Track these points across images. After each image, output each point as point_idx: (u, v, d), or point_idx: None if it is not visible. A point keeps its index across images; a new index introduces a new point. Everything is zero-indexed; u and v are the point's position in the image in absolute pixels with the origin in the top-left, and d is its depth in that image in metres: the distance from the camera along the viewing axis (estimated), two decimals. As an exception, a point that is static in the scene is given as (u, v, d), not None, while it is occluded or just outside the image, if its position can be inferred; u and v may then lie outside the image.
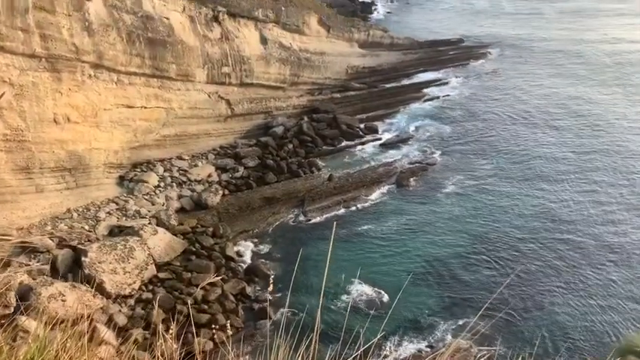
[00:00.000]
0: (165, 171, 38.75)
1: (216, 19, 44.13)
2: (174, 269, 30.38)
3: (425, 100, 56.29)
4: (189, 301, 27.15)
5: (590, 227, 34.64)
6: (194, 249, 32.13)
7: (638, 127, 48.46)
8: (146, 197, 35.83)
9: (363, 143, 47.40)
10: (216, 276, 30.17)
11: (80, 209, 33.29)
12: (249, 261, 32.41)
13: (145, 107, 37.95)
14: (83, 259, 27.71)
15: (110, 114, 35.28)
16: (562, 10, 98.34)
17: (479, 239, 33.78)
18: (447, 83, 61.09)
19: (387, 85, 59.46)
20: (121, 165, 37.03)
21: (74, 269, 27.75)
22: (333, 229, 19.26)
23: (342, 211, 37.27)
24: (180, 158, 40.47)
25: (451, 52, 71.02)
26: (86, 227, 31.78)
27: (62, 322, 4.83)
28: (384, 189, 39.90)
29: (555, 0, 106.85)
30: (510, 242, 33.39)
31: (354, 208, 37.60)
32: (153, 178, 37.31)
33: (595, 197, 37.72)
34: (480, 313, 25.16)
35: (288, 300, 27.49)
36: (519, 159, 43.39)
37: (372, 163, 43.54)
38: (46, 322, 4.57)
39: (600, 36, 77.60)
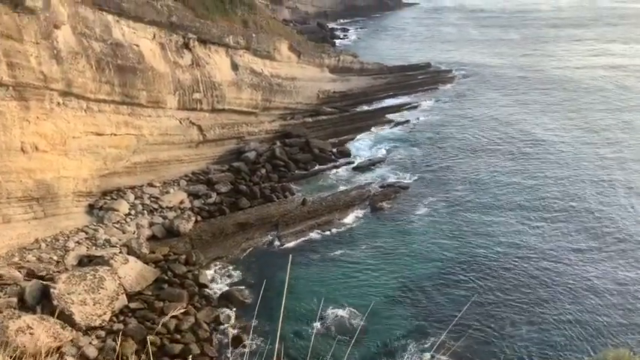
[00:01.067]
0: (136, 198, 38.25)
1: (186, 45, 44.21)
2: (145, 299, 29.78)
3: (396, 124, 57.07)
4: (160, 331, 26.63)
5: (558, 250, 35.27)
6: (166, 277, 31.61)
7: (598, 155, 49.92)
8: (116, 225, 35.26)
9: (335, 167, 47.67)
10: (189, 304, 29.70)
11: (49, 239, 32.56)
12: (223, 288, 31.98)
13: (115, 134, 37.57)
14: (52, 290, 27.00)
15: (79, 142, 34.81)
16: (526, 37, 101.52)
17: (451, 261, 34.05)
18: (416, 107, 62.11)
19: (358, 109, 60.30)
20: (90, 193, 36.43)
21: (43, 301, 26.99)
22: (289, 264, 19.18)
23: (316, 235, 37.22)
24: (151, 185, 40.03)
25: (420, 77, 72.45)
26: (55, 258, 31.06)
27: (31, 355, 4.75)
28: (358, 212, 40.05)
29: (520, 26, 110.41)
30: (482, 263, 33.73)
31: (328, 232, 37.58)
32: (123, 206, 36.78)
33: (562, 222, 38.48)
34: (449, 328, 25.40)
35: (263, 327, 27.21)
36: (489, 183, 44.12)
37: (345, 187, 43.73)
38: (13, 357, 4.49)
39: (561, 62, 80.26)
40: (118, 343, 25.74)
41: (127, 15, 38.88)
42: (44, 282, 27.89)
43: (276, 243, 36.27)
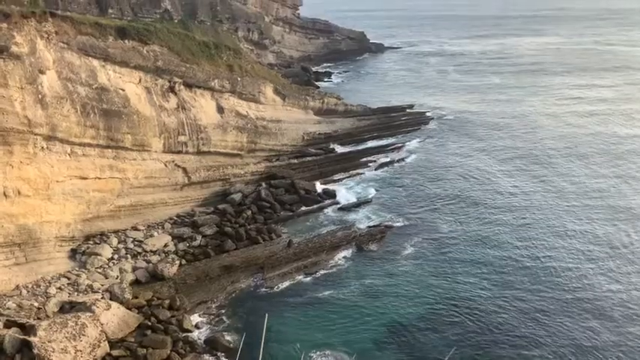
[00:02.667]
0: (119, 242, 37.78)
1: (172, 89, 44.65)
2: (128, 346, 29.09)
3: (380, 165, 57.52)
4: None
5: (544, 288, 35.31)
6: (149, 323, 30.95)
7: (579, 201, 50.76)
8: (99, 270, 34.68)
9: (321, 208, 47.66)
10: (172, 351, 29.02)
11: (30, 285, 31.88)
12: (207, 333, 31.34)
13: (99, 178, 37.41)
14: (32, 338, 26.27)
15: (63, 186, 34.57)
16: (506, 81, 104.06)
17: (438, 301, 33.87)
18: (400, 148, 62.78)
19: (343, 150, 60.79)
20: (73, 238, 35.94)
21: (23, 349, 26.24)
22: (265, 324, 18.84)
23: (303, 277, 36.86)
24: (135, 229, 39.62)
25: (403, 118, 73.58)
26: (36, 304, 30.34)
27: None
28: (344, 253, 39.86)
29: (500, 71, 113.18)
30: (469, 303, 33.58)
31: (314, 274, 37.24)
32: (106, 251, 36.29)
33: (548, 261, 38.69)
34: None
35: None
36: (473, 223, 44.33)
37: (332, 228, 43.63)
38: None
39: (539, 107, 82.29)
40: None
41: (113, 60, 39.34)
42: (24, 330, 27.15)
43: (262, 286, 35.82)
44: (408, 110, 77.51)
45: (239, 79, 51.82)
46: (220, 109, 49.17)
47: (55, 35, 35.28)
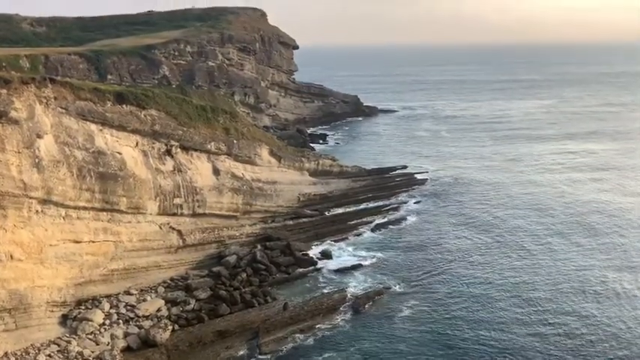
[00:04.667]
0: (111, 307, 37.05)
1: (169, 152, 45.07)
2: (118, 416, 27.98)
3: (376, 226, 57.45)
4: None
5: (543, 350, 34.66)
6: (141, 391, 29.93)
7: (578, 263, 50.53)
8: (90, 337, 33.81)
9: (317, 270, 47.17)
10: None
11: (19, 353, 30.98)
12: (200, 402, 30.26)
13: (93, 241, 37.11)
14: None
15: (56, 249, 34.23)
16: (496, 138, 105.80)
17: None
18: (395, 208, 62.90)
19: (339, 211, 60.83)
20: (64, 303, 35.24)
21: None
22: None
23: (299, 341, 36.00)
24: (127, 293, 38.96)
25: (397, 179, 74.13)
26: (22, 373, 29.38)
27: None
28: (341, 316, 39.15)
29: (491, 129, 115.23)
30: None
31: (310, 337, 36.41)
32: (98, 316, 35.51)
33: (547, 326, 38.11)
34: None
35: None
36: (469, 285, 43.76)
37: (328, 290, 43.03)
38: None
39: (530, 169, 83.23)
40: None
41: (110, 124, 39.88)
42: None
43: (257, 352, 34.89)
44: (402, 171, 78.22)
45: (235, 141, 52.45)
46: (216, 171, 49.48)
47: (54, 100, 35.91)
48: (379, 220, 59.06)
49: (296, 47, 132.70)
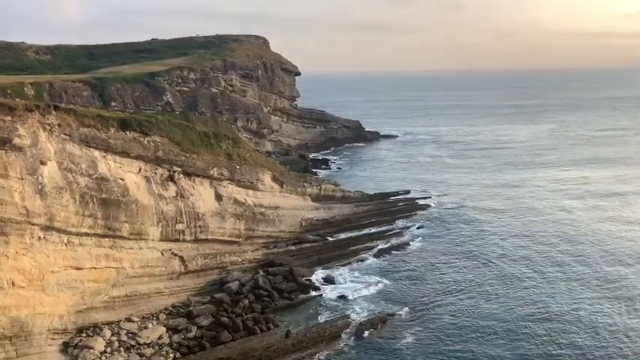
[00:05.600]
0: (112, 335, 36.69)
1: (171, 178, 45.16)
2: None
3: (379, 251, 57.16)
4: None
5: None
6: (141, 421, 29.46)
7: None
8: (91, 364, 33.41)
9: (320, 296, 46.81)
10: None
11: (17, 382, 30.57)
12: None
13: (95, 268, 36.94)
14: None
15: (58, 276, 34.06)
16: (498, 164, 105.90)
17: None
18: (398, 234, 62.64)
19: (342, 236, 60.61)
20: (65, 330, 34.93)
21: None
22: None
23: (301, 369, 35.59)
24: (129, 320, 38.64)
25: (400, 204, 73.99)
26: (21, 402, 28.97)
27: None
28: (344, 342, 38.69)
29: (494, 155, 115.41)
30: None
31: (313, 365, 35.98)
32: (99, 344, 35.14)
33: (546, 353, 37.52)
34: None
35: None
36: (473, 312, 43.21)
37: (331, 316, 42.62)
38: None
39: (534, 194, 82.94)
40: None
41: (114, 150, 40.06)
42: None
43: (260, 379, 34.44)
44: (404, 196, 78.17)
45: (238, 167, 52.60)
46: (219, 197, 49.50)
47: (58, 127, 36.13)
48: (382, 245, 58.78)
49: (298, 74, 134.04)
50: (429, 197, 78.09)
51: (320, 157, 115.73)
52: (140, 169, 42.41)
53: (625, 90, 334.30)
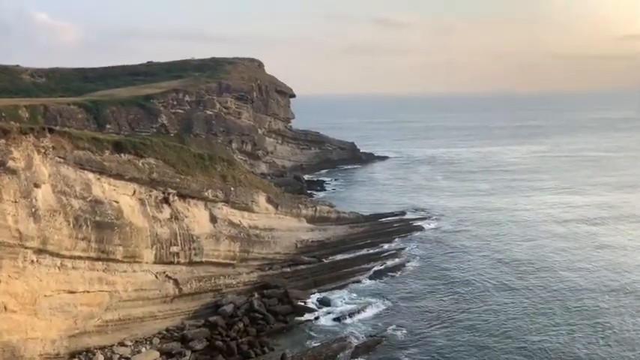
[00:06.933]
0: (105, 359, 36.21)
1: (166, 200, 45.02)
2: None
3: (375, 272, 56.88)
4: None
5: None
6: None
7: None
8: (83, 390, 32.91)
9: (316, 318, 46.44)
10: None
11: (7, 409, 30.03)
12: None
13: (88, 291, 36.57)
14: None
15: (50, 300, 33.69)
16: (494, 185, 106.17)
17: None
18: (393, 255, 62.41)
19: (337, 258, 60.32)
20: (58, 355, 34.43)
21: None
22: None
23: (297, 393, 35.13)
24: (122, 344, 38.18)
25: (395, 225, 73.90)
26: None
27: None
28: (340, 366, 38.31)
29: (489, 177, 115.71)
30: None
31: (309, 389, 35.53)
32: (92, 368, 34.67)
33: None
34: None
35: None
36: (470, 334, 42.86)
37: (326, 339, 42.21)
38: None
39: (528, 213, 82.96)
40: None
41: (108, 173, 39.96)
42: None
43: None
44: (399, 217, 78.15)
45: (232, 188, 52.55)
46: (213, 219, 49.33)
47: (52, 150, 36.08)
48: (378, 266, 58.52)
49: (293, 96, 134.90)
50: (424, 218, 78.03)
51: (315, 179, 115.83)
52: (135, 192, 42.29)
53: (623, 112, 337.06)
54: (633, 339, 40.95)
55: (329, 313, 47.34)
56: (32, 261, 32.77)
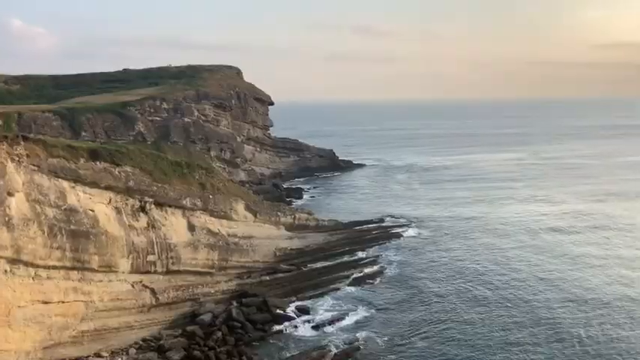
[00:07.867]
0: (81, 371, 35.62)
1: (143, 209, 44.54)
2: None
3: (354, 279, 56.95)
4: None
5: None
6: None
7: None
8: (57, 403, 32.29)
9: (294, 326, 46.28)
10: None
11: (-22, 423, 29.32)
12: None
13: (63, 302, 35.95)
14: None
15: (24, 311, 33.02)
16: (474, 192, 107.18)
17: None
18: (372, 262, 62.60)
19: (316, 265, 60.26)
20: (31, 367, 33.76)
21: None
22: None
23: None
24: (98, 355, 37.59)
25: (374, 232, 74.18)
26: None
27: None
28: (319, 374, 38.20)
29: (469, 183, 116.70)
30: None
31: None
32: (66, 380, 34.04)
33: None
34: None
35: None
36: (451, 341, 43.14)
37: (305, 347, 42.08)
38: None
39: (507, 220, 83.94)
40: None
41: (83, 181, 39.42)
42: None
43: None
44: (378, 224, 78.45)
45: (211, 196, 52.22)
46: (191, 227, 48.93)
47: (27, 158, 35.47)
48: (357, 274, 58.58)
49: (271, 103, 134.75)
50: (403, 226, 78.42)
51: (294, 187, 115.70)
52: (110, 200, 41.78)
53: (596, 119, 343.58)
54: (601, 350, 41.33)
55: (308, 321, 47.21)
56: (5, 271, 32.12)
